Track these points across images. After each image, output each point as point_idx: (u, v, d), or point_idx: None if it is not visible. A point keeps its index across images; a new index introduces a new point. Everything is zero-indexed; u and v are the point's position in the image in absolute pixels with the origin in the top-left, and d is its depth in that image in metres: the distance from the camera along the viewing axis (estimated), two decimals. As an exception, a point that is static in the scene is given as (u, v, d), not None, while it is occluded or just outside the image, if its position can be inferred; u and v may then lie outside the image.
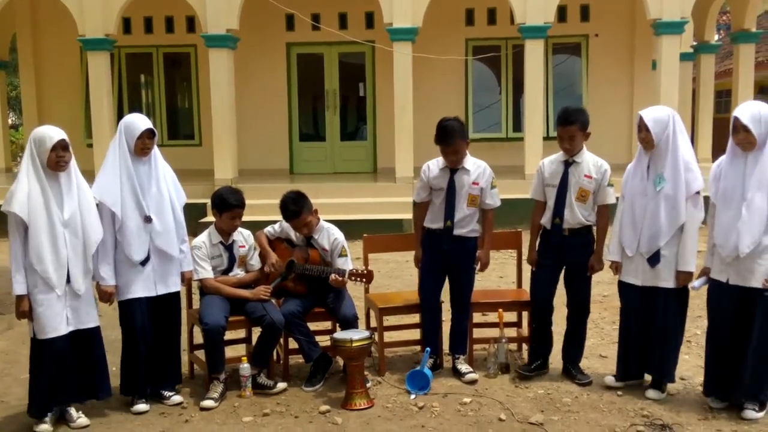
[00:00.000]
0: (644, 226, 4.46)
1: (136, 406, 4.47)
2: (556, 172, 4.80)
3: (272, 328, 4.71)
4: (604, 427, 4.16)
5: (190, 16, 13.02)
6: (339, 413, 4.40)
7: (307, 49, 13.72)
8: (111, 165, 4.42)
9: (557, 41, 13.28)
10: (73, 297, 4.17)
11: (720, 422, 4.19)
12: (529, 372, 4.89)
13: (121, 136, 4.43)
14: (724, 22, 20.82)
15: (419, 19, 11.32)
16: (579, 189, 4.72)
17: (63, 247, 4.10)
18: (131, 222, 4.38)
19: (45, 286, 4.08)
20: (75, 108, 13.78)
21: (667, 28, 11.17)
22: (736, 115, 4.15)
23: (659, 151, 4.42)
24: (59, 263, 4.09)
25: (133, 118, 4.52)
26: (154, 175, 4.51)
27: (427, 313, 5.06)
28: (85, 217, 4.20)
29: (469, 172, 4.90)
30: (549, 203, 4.82)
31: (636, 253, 4.51)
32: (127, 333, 4.51)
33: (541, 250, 4.91)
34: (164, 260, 4.52)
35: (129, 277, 4.42)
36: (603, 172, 4.75)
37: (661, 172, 4.41)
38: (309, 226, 4.95)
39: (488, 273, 5.17)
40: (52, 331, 4.10)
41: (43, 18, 13.93)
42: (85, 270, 4.22)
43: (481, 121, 13.77)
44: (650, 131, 4.38)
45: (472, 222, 4.94)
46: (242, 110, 12.71)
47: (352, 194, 11.33)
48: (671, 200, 4.38)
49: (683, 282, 4.46)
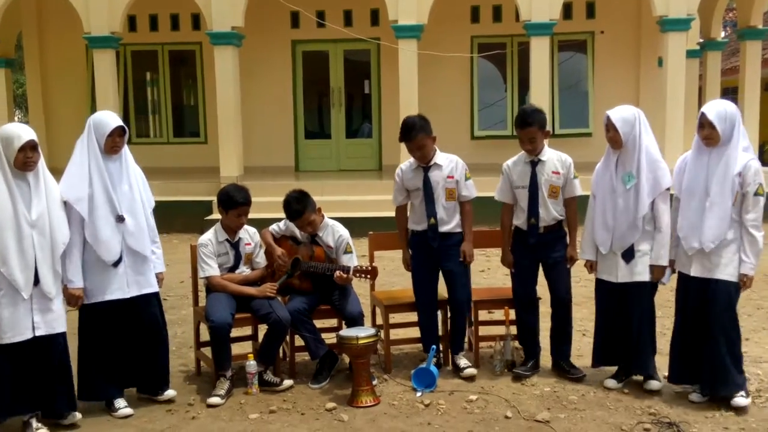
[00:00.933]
0: (616, 224, 4.54)
1: (120, 411, 4.37)
2: (524, 174, 4.85)
3: (278, 326, 4.71)
4: (610, 424, 4.16)
5: (195, 13, 13.02)
6: (345, 410, 4.40)
7: (312, 46, 13.72)
8: (78, 163, 4.27)
9: (563, 38, 13.25)
10: (43, 300, 4.01)
11: (727, 420, 4.18)
12: (527, 372, 4.90)
13: (91, 134, 4.29)
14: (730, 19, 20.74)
15: (424, 16, 11.30)
16: (549, 186, 4.80)
17: (30, 248, 3.94)
18: (103, 221, 4.25)
19: (10, 288, 3.91)
20: (81, 106, 13.78)
21: (673, 25, 11.14)
22: (703, 111, 4.26)
23: (627, 150, 4.50)
24: (26, 264, 3.93)
25: (103, 116, 4.41)
26: (125, 173, 4.39)
27: (424, 313, 5.06)
28: (53, 217, 4.05)
29: (441, 167, 4.92)
30: (521, 204, 4.87)
31: (609, 251, 4.59)
32: (88, 336, 4.36)
33: (517, 250, 4.95)
34: (137, 261, 4.39)
35: (101, 278, 4.28)
36: (568, 165, 4.84)
37: (630, 170, 4.49)
38: (313, 224, 4.95)
39: (493, 271, 5.18)
40: (15, 336, 3.93)
41: (48, 16, 13.96)
42: (54, 272, 4.07)
43: (487, 118, 13.75)
44: (618, 131, 4.46)
45: (455, 216, 4.96)
46: (247, 108, 12.72)
47: (358, 192, 11.33)
48: (640, 197, 4.46)
49: (658, 276, 4.55)
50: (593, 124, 13.31)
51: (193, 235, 10.01)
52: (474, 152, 11.79)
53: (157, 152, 12.93)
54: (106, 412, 4.42)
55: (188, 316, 6.10)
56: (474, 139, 13.54)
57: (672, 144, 10.83)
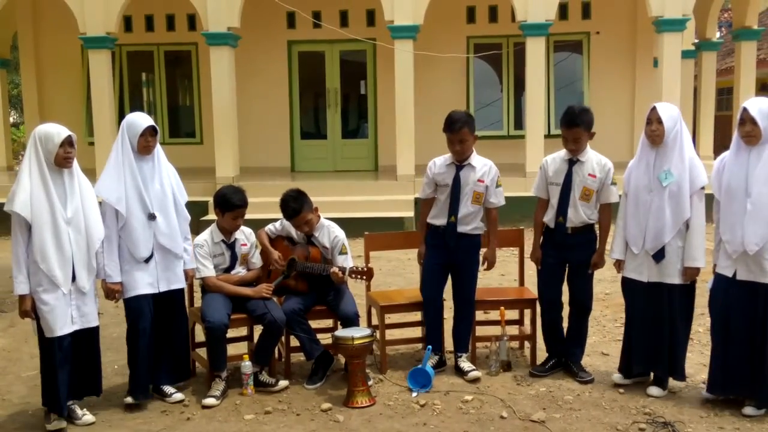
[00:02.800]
0: (649, 222, 4.45)
1: (126, 398, 4.49)
2: (560, 171, 4.79)
3: (274, 326, 4.71)
4: (606, 424, 4.16)
5: (191, 14, 13.02)
6: (341, 411, 4.40)
7: (308, 47, 13.71)
8: (114, 164, 4.44)
9: (558, 39, 13.26)
10: (79, 295, 4.18)
11: (722, 420, 4.19)
12: (544, 372, 4.88)
13: (124, 135, 4.46)
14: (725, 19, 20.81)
15: (420, 16, 11.30)
16: (583, 188, 4.72)
17: (67, 244, 4.09)
18: (135, 219, 4.40)
19: (50, 284, 4.06)
20: (76, 106, 13.77)
21: (668, 25, 11.15)
22: (745, 106, 4.15)
23: (666, 147, 4.41)
24: (64, 261, 4.09)
25: (135, 117, 4.55)
26: (157, 172, 4.54)
27: (430, 310, 5.05)
28: (88, 215, 4.20)
29: (474, 168, 4.89)
30: (552, 201, 4.81)
31: (641, 250, 4.50)
32: (133, 329, 4.50)
33: (544, 247, 4.91)
34: (167, 257, 4.54)
35: (132, 274, 4.43)
36: (607, 170, 4.75)
37: (668, 167, 4.39)
38: (309, 224, 4.94)
39: (490, 271, 5.17)
40: (59, 329, 4.10)
41: (44, 16, 13.92)
42: (89, 268, 4.22)
43: (483, 118, 13.70)
44: (663, 124, 4.36)
45: (476, 220, 4.93)
46: (243, 108, 12.70)
47: (354, 192, 11.32)
48: (676, 196, 4.38)
49: (690, 278, 4.45)
50: (589, 125, 13.29)
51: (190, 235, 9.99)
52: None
53: (152, 153, 12.89)
54: (104, 410, 4.42)
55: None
56: (470, 139, 13.52)
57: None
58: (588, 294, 4.89)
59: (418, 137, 11.27)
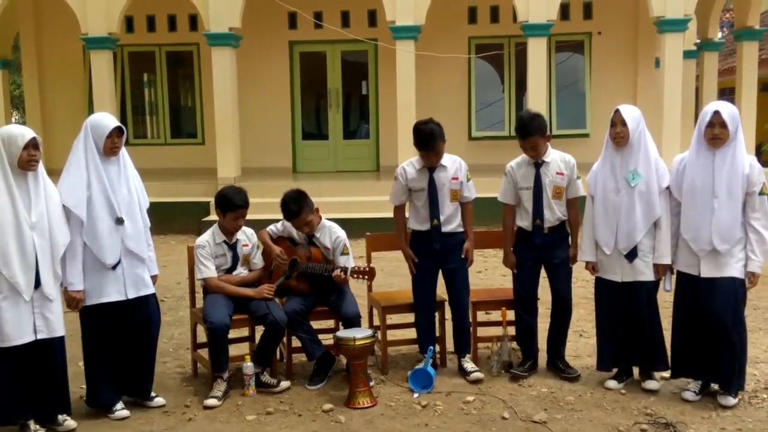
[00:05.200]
0: (620, 223, 4.53)
1: (117, 413, 4.36)
2: (528, 175, 4.84)
3: (275, 327, 4.71)
4: (607, 425, 4.16)
5: (192, 14, 13.02)
6: (342, 412, 4.40)
7: (309, 47, 13.72)
8: (75, 166, 4.24)
9: (560, 39, 13.25)
10: (44, 303, 4.00)
11: (724, 420, 4.19)
12: (525, 372, 4.90)
13: (88, 136, 4.25)
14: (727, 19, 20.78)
15: (422, 17, 11.30)
16: (554, 187, 4.80)
17: (31, 250, 3.92)
18: (102, 224, 4.22)
19: (11, 290, 3.89)
20: (78, 107, 13.77)
21: (670, 25, 11.15)
22: (717, 110, 4.24)
23: (632, 148, 4.50)
24: (27, 266, 3.91)
25: (100, 117, 4.39)
26: (123, 175, 4.37)
27: (422, 313, 5.06)
28: (52, 220, 4.04)
29: (446, 168, 4.91)
30: (526, 206, 4.86)
31: (614, 250, 4.58)
32: (91, 339, 4.35)
33: (520, 251, 4.95)
34: (135, 263, 4.37)
35: (99, 280, 4.26)
36: (572, 166, 4.85)
37: (635, 167, 4.48)
38: (310, 224, 4.94)
39: (490, 271, 5.18)
40: (16, 338, 3.91)
41: (46, 17, 13.94)
42: (54, 274, 4.06)
43: (484, 119, 13.76)
44: (627, 126, 4.45)
45: (457, 217, 4.97)
46: (245, 109, 12.71)
47: (355, 193, 11.33)
48: (645, 195, 4.47)
49: (662, 274, 4.56)
50: (590, 125, 13.32)
51: (190, 237, 10.00)
52: (471, 153, 11.74)
53: (154, 153, 12.92)
54: (102, 414, 4.40)
55: (185, 317, 6.09)
56: (471, 140, 13.54)
57: (669, 145, 10.83)
58: (569, 288, 4.95)
59: (419, 138, 11.25)
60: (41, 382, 4.08)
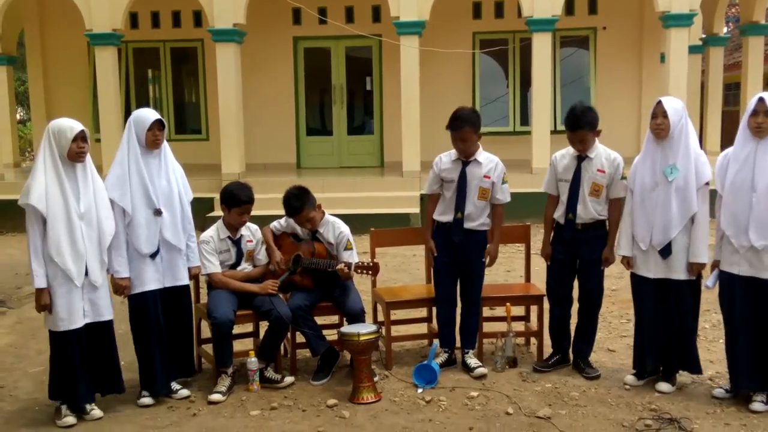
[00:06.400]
0: (656, 218, 4.43)
1: (142, 399, 4.51)
2: (569, 167, 4.78)
3: (280, 322, 4.71)
4: (612, 421, 4.16)
5: (196, 10, 13.00)
6: (346, 407, 4.40)
7: (313, 43, 13.71)
8: (120, 160, 4.45)
9: (565, 34, 13.21)
10: (91, 289, 4.21)
11: (728, 416, 4.18)
12: (546, 367, 4.88)
13: (131, 130, 4.47)
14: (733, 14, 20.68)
15: (426, 12, 11.28)
16: (592, 184, 4.71)
17: (80, 239, 4.12)
18: (140, 215, 4.41)
19: (64, 278, 4.10)
20: (82, 103, 13.79)
21: (675, 20, 11.10)
22: (762, 96, 4.12)
23: (672, 141, 4.39)
24: (77, 255, 4.12)
25: (143, 111, 4.59)
26: (163, 168, 4.55)
27: (443, 307, 5.03)
28: (100, 210, 4.23)
29: (480, 164, 4.88)
30: (562, 198, 4.81)
31: (648, 246, 4.48)
32: (139, 326, 4.52)
33: (554, 244, 4.90)
34: (172, 253, 4.55)
35: (139, 269, 4.44)
36: (616, 165, 4.73)
37: (674, 162, 4.37)
38: (312, 221, 4.94)
39: (496, 267, 5.16)
40: (71, 323, 4.14)
41: (50, 13, 13.95)
42: (101, 262, 4.26)
43: (489, 114, 13.69)
44: (668, 118, 4.34)
45: (482, 216, 4.92)
46: (249, 105, 12.71)
47: (359, 188, 11.32)
48: (682, 191, 4.36)
49: (696, 273, 4.44)
50: (595, 120, 13.27)
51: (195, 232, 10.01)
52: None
53: (159, 149, 12.92)
54: (109, 409, 4.42)
55: (190, 313, 6.10)
56: (476, 135, 13.50)
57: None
58: (598, 290, 4.88)
59: (423, 133, 11.25)
60: (98, 366, 4.30)
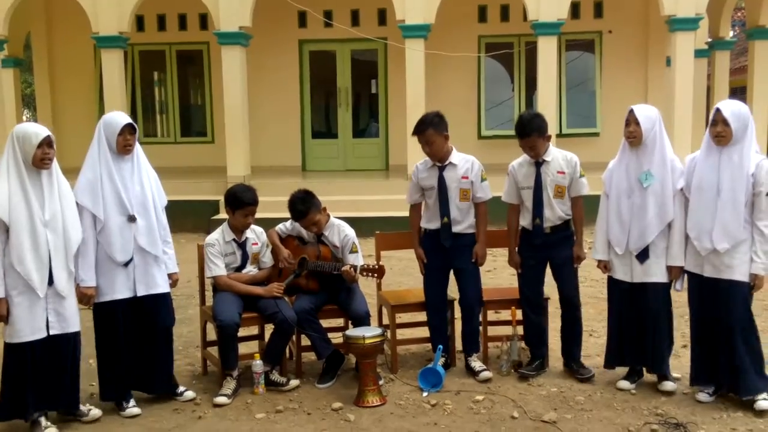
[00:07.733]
0: (632, 223, 4.49)
1: (128, 410, 4.38)
2: (529, 174, 4.83)
3: (285, 325, 4.72)
4: (617, 425, 4.14)
5: (203, 13, 13.05)
6: (351, 410, 4.40)
7: (319, 46, 13.73)
8: (91, 164, 4.29)
9: (570, 38, 13.22)
10: (57, 300, 4.04)
11: (735, 421, 4.16)
12: (532, 372, 4.89)
13: (101, 135, 4.31)
14: (739, 18, 20.66)
15: (432, 15, 11.29)
16: (555, 186, 4.78)
17: (44, 247, 3.96)
18: (113, 222, 4.26)
19: (25, 287, 3.94)
20: (89, 105, 13.85)
21: (681, 24, 11.10)
22: (718, 107, 4.21)
23: (646, 148, 4.46)
24: (41, 264, 3.96)
25: (113, 115, 4.43)
26: (136, 173, 4.40)
27: (434, 313, 5.06)
28: (66, 217, 4.07)
29: (456, 166, 4.91)
30: (527, 205, 4.86)
31: (625, 251, 4.54)
32: (103, 336, 4.38)
33: (523, 250, 4.94)
34: (147, 260, 4.39)
35: (109, 277, 4.30)
36: (574, 164, 4.81)
37: (648, 168, 4.44)
38: (318, 224, 4.95)
39: (500, 270, 5.17)
40: (28, 335, 3.96)
41: (57, 16, 14.01)
42: (68, 271, 4.09)
43: (494, 118, 13.73)
44: (640, 126, 4.41)
45: (469, 217, 4.95)
46: (255, 107, 12.74)
47: (364, 191, 11.33)
48: (659, 197, 4.42)
49: (675, 276, 4.52)
50: (601, 124, 13.29)
51: (200, 235, 10.02)
52: (481, 152, 11.59)
53: (164, 152, 12.87)
54: (114, 411, 4.42)
55: (195, 315, 6.11)
56: (481, 138, 13.52)
57: (680, 144, 10.76)
58: (574, 288, 4.92)
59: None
60: (54, 377, 4.11)
